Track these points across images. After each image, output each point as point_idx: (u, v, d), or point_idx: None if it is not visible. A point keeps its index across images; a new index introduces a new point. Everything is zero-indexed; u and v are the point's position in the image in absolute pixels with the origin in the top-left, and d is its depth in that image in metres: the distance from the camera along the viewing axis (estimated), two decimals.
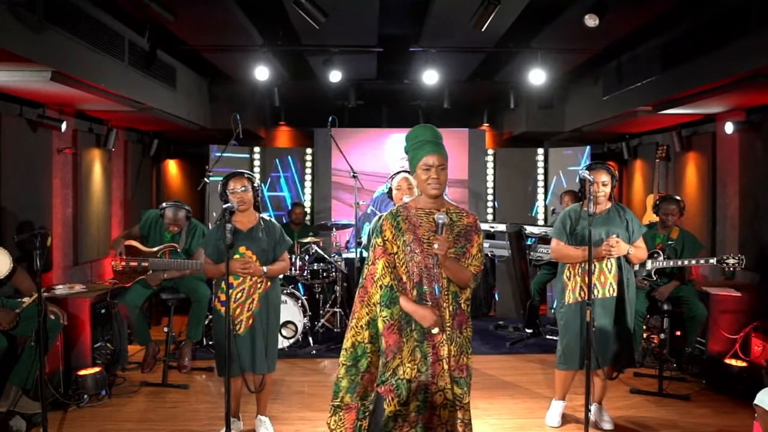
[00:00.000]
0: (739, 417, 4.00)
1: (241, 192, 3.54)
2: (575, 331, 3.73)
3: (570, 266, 3.80)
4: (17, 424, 3.73)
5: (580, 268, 3.74)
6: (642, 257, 3.81)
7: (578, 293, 3.74)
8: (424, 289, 2.55)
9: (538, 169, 7.80)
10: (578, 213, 3.84)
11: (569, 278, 3.80)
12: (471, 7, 4.34)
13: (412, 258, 2.57)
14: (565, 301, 3.80)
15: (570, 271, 3.80)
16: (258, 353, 3.56)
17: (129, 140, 6.75)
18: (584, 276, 3.68)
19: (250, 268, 3.48)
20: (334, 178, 7.64)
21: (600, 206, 3.79)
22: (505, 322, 6.59)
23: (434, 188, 2.56)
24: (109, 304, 4.87)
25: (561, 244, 3.82)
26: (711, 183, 5.80)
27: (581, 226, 3.76)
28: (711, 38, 4.28)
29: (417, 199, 2.70)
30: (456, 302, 2.59)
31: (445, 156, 2.60)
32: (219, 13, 4.69)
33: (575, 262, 3.76)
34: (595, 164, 3.80)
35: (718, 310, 4.67)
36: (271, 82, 6.38)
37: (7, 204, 4.46)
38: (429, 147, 2.58)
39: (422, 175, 2.57)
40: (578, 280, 3.75)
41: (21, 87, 4.16)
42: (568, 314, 3.77)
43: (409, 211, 2.63)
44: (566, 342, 3.78)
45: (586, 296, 3.63)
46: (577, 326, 3.72)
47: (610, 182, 3.74)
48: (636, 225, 3.79)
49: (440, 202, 2.64)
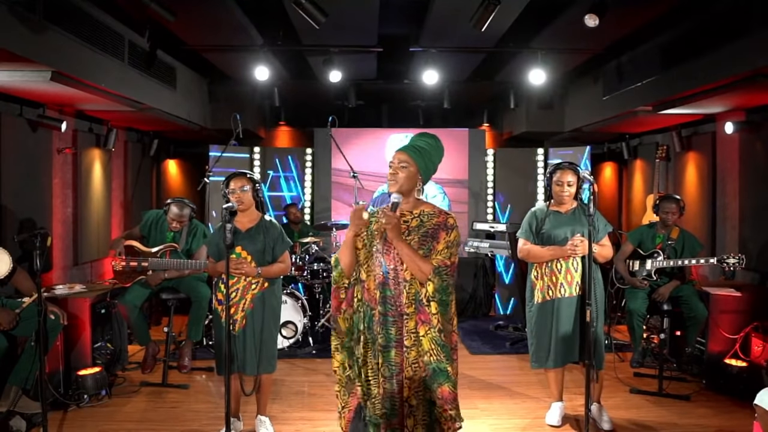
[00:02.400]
0: (739, 417, 4.00)
1: (240, 192, 3.54)
2: (545, 330, 3.78)
3: (537, 266, 3.83)
4: (17, 424, 3.73)
5: (547, 267, 3.78)
6: (607, 255, 3.80)
7: (546, 292, 3.78)
8: (388, 292, 2.54)
9: (538, 169, 7.80)
10: (544, 213, 3.87)
11: (537, 278, 3.83)
12: (471, 7, 4.34)
13: (377, 258, 2.58)
14: (534, 300, 3.83)
15: (537, 271, 3.83)
16: (248, 354, 3.54)
17: (129, 140, 6.75)
18: (551, 275, 3.78)
19: (243, 269, 3.48)
20: (334, 178, 7.63)
21: (565, 206, 3.85)
22: (505, 322, 6.60)
23: (390, 184, 2.57)
24: (109, 304, 4.88)
25: (528, 244, 3.85)
26: (711, 183, 5.80)
27: (547, 226, 3.81)
28: (711, 38, 4.27)
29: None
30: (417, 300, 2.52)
31: (413, 155, 2.56)
32: (219, 13, 4.69)
33: (542, 262, 3.79)
34: (561, 164, 3.85)
35: (718, 310, 4.66)
36: (271, 82, 6.38)
37: (7, 204, 4.46)
38: (400, 147, 2.63)
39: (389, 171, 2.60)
40: (546, 279, 3.79)
41: (21, 87, 4.16)
42: (537, 314, 3.81)
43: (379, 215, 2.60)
44: (537, 341, 3.83)
45: (554, 295, 3.75)
46: (547, 325, 3.77)
47: (575, 182, 3.78)
48: (601, 224, 3.79)
49: (414, 203, 2.62)
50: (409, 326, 2.52)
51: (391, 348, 2.53)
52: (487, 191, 7.81)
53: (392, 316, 2.53)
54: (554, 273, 3.76)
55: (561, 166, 3.83)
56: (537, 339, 3.84)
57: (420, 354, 2.52)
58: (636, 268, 4.70)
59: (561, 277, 3.73)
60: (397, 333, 2.53)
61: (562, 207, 3.85)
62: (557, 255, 3.73)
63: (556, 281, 3.75)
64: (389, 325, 2.53)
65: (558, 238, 3.76)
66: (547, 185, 3.91)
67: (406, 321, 2.53)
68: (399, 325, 2.53)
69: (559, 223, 3.79)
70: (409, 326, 2.52)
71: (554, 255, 3.74)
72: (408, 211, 2.61)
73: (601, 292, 3.79)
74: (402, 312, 2.53)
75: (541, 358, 3.85)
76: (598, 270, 3.84)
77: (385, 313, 2.54)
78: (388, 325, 2.53)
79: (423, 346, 2.51)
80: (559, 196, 3.82)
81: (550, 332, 3.77)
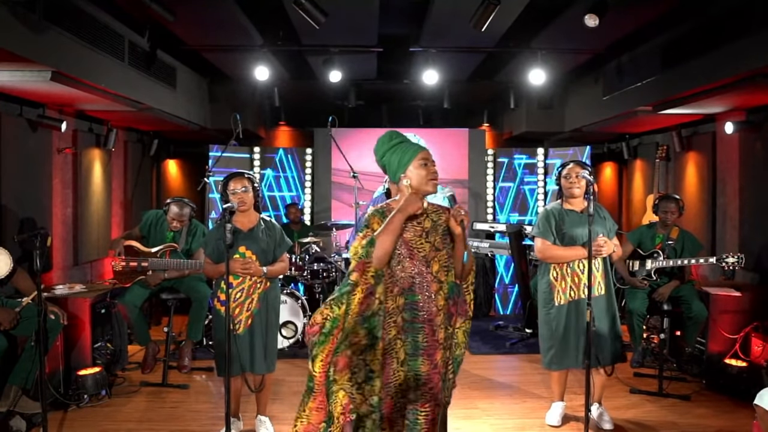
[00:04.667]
0: (739, 417, 4.00)
1: (241, 192, 3.54)
2: (570, 331, 3.73)
3: (556, 266, 3.77)
4: (17, 424, 3.73)
5: (569, 268, 3.72)
6: (620, 253, 3.86)
7: (569, 293, 3.73)
8: (416, 297, 2.45)
9: (538, 169, 7.80)
10: (560, 211, 3.82)
11: (557, 279, 3.78)
12: (471, 7, 4.34)
13: (400, 263, 2.48)
14: (555, 302, 3.77)
15: (557, 271, 3.77)
16: (257, 353, 3.56)
17: (129, 140, 6.74)
18: (573, 276, 3.70)
19: (251, 269, 3.49)
20: (334, 178, 7.63)
21: (579, 204, 3.79)
22: (505, 322, 6.60)
23: (436, 182, 2.53)
24: (109, 304, 4.88)
25: (547, 243, 3.77)
26: (711, 183, 5.80)
27: (567, 225, 3.76)
28: (711, 38, 4.27)
29: (397, 201, 2.55)
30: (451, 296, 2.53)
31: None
32: (219, 13, 4.69)
33: (562, 263, 3.74)
34: (569, 161, 3.85)
35: (718, 310, 4.67)
36: (271, 82, 6.38)
37: (8, 204, 4.46)
38: (415, 145, 2.55)
39: (421, 170, 2.50)
40: (568, 280, 3.73)
41: (21, 87, 4.16)
42: (560, 315, 3.75)
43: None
44: (560, 342, 3.76)
45: (577, 296, 3.69)
46: (572, 326, 3.72)
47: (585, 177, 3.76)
48: (611, 223, 3.81)
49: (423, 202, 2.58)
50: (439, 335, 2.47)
51: (418, 356, 2.43)
52: (487, 191, 7.81)
53: (420, 322, 2.45)
54: (576, 274, 3.70)
55: (569, 163, 3.83)
56: (560, 341, 3.75)
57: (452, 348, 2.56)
58: (636, 268, 4.70)
59: (584, 277, 3.65)
60: (424, 340, 2.44)
61: (576, 206, 3.80)
62: (579, 256, 3.66)
63: (578, 282, 3.69)
64: (416, 332, 2.45)
65: (579, 238, 3.69)
66: (557, 184, 3.90)
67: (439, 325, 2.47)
68: (427, 331, 2.45)
69: (578, 223, 3.73)
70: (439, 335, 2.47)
71: (576, 255, 3.68)
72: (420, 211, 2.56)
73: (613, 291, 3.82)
74: (431, 317, 2.46)
75: (562, 360, 3.77)
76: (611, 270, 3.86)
77: (412, 320, 2.46)
78: (415, 332, 2.45)
79: (458, 338, 2.56)
80: (569, 190, 3.77)
81: (577, 333, 3.69)
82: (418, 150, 2.53)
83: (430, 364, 2.44)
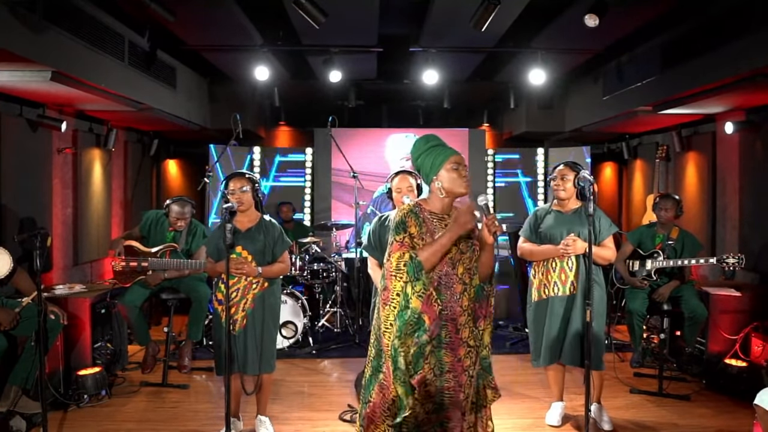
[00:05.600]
0: (739, 417, 4.00)
1: (240, 192, 3.54)
2: (541, 328, 3.81)
3: (535, 264, 3.87)
4: (17, 424, 3.73)
5: (543, 266, 3.82)
6: (605, 256, 3.73)
7: (542, 291, 3.82)
8: (443, 297, 2.50)
9: (538, 169, 7.80)
10: (545, 211, 3.92)
11: (534, 276, 3.87)
12: (471, 7, 4.34)
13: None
14: (532, 298, 3.87)
15: (535, 270, 3.87)
16: (249, 354, 3.54)
17: (129, 140, 6.75)
18: (546, 274, 3.81)
19: (244, 269, 3.49)
20: (334, 178, 7.64)
21: (568, 205, 3.83)
22: (505, 322, 6.60)
23: (468, 185, 2.57)
24: (109, 304, 4.88)
25: (527, 242, 3.90)
26: (711, 183, 5.80)
27: (545, 224, 3.84)
28: (711, 38, 4.28)
29: (427, 201, 2.62)
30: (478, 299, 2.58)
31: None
32: (219, 13, 4.69)
33: (539, 260, 3.83)
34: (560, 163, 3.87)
35: (718, 310, 4.67)
36: (271, 82, 6.38)
37: (8, 204, 4.46)
38: (448, 149, 2.61)
39: (452, 173, 2.55)
40: (541, 278, 3.82)
41: (21, 87, 4.16)
42: (536, 312, 3.84)
43: (424, 213, 2.57)
44: (534, 339, 3.87)
45: (547, 294, 3.79)
46: (542, 323, 3.80)
47: (572, 178, 3.77)
48: (605, 224, 3.77)
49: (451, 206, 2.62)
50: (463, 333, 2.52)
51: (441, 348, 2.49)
52: (487, 191, 7.81)
53: (444, 320, 2.49)
54: (549, 272, 3.79)
55: (559, 165, 3.87)
56: (534, 337, 3.88)
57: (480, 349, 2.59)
58: (636, 268, 4.70)
59: (555, 275, 3.75)
60: (447, 336, 2.49)
61: (564, 207, 3.84)
62: (550, 253, 3.75)
63: (550, 280, 3.78)
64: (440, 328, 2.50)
65: (555, 237, 3.77)
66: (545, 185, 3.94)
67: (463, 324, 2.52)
68: (450, 328, 2.50)
69: (558, 223, 3.80)
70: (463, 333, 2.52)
71: (547, 253, 3.76)
72: (446, 214, 2.61)
73: (600, 293, 3.76)
74: (455, 316, 2.50)
75: (536, 356, 3.89)
76: (599, 271, 3.82)
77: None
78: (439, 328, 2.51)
79: (484, 340, 2.62)
80: (555, 192, 3.84)
81: (542, 330, 3.81)
82: (450, 154, 2.59)
83: (453, 356, 2.51)
